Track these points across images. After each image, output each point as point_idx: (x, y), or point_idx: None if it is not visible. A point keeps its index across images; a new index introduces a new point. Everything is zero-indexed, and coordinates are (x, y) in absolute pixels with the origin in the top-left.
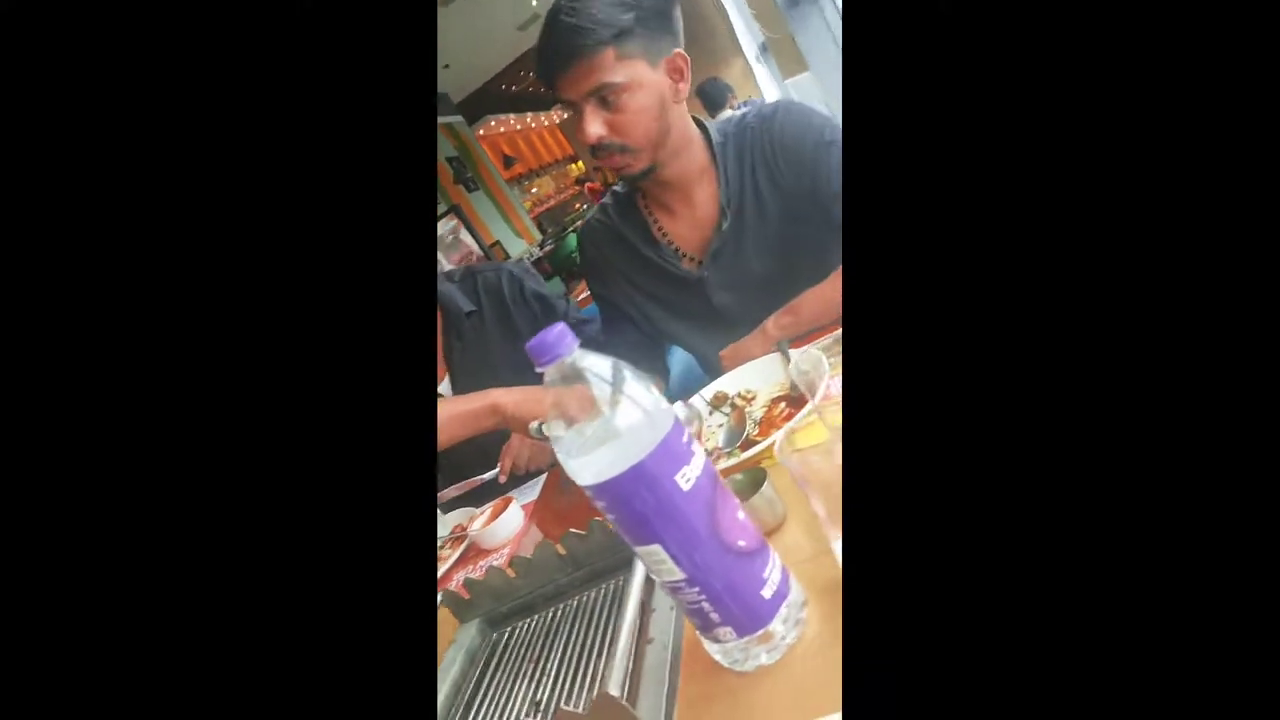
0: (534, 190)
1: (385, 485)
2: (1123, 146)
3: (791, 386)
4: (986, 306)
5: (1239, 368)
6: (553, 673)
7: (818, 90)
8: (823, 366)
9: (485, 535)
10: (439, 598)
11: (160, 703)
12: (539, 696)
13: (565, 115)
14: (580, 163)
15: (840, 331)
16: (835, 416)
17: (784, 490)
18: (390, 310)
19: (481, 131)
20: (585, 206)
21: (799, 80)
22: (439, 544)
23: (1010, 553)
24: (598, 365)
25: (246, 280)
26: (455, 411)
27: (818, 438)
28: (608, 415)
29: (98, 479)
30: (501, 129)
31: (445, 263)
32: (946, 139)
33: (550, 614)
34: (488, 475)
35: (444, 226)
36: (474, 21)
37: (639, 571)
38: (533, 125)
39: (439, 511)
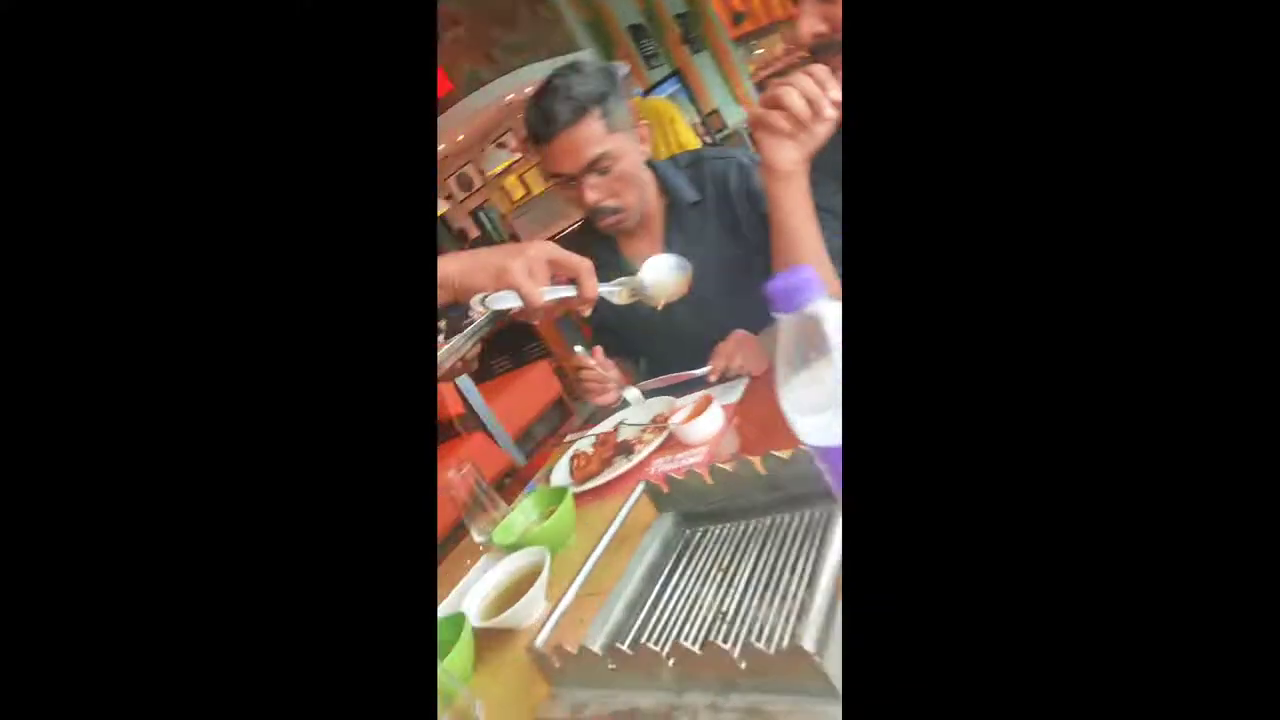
0: (759, 52)
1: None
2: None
3: None
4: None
5: (1239, 352)
6: (740, 587)
7: None
8: None
9: (685, 430)
10: (641, 486)
11: (158, 669)
12: (725, 607)
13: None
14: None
15: None
16: None
17: None
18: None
19: None
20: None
21: None
22: (640, 429)
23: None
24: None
25: (237, 217)
26: None
27: None
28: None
29: (101, 438)
30: None
31: None
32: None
33: (743, 527)
34: (699, 371)
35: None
36: None
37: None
38: None
39: (642, 395)
